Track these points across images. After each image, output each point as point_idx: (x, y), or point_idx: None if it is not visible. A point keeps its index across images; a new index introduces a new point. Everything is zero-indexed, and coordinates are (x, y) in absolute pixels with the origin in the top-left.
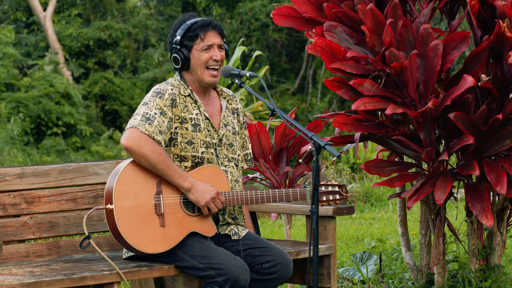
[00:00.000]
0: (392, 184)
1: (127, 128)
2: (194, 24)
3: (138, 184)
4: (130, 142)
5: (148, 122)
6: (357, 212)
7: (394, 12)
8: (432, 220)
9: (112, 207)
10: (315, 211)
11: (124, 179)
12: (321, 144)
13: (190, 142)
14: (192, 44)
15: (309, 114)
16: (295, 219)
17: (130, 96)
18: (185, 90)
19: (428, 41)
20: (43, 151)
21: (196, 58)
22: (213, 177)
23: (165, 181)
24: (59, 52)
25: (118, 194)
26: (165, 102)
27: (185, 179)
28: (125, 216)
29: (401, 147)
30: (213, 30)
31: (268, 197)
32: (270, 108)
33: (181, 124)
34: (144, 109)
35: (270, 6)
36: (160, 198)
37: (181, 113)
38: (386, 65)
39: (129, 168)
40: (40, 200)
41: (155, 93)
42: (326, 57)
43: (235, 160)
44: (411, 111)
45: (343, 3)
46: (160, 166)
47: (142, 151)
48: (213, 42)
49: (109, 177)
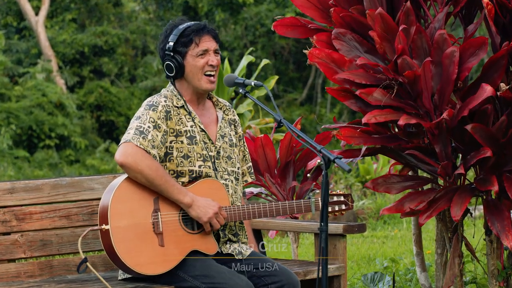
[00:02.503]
0: (402, 208)
1: (121, 143)
2: (188, 29)
3: (135, 202)
4: (125, 157)
5: (142, 136)
6: (369, 230)
7: (406, 17)
8: (448, 238)
9: (107, 227)
10: (324, 229)
11: (120, 197)
12: (331, 157)
13: (187, 156)
14: (186, 50)
15: (317, 126)
16: (303, 237)
17: (128, 106)
18: (178, 101)
19: (443, 48)
20: (35, 164)
21: (191, 64)
22: (212, 191)
23: (163, 197)
24: (52, 59)
25: (114, 213)
26: (159, 114)
27: (185, 194)
28: (122, 237)
29: (415, 161)
30: (208, 35)
31: (271, 210)
32: (276, 119)
33: (176, 137)
34: (137, 123)
35: (277, 11)
36: (158, 216)
37: (176, 126)
38: (399, 73)
39: (125, 185)
40: (31, 217)
41: (148, 106)
42: (327, 68)
43: (235, 174)
44: (425, 123)
45: (351, 7)
46: (158, 182)
47: (138, 167)
48: (208, 47)
49: (103, 194)
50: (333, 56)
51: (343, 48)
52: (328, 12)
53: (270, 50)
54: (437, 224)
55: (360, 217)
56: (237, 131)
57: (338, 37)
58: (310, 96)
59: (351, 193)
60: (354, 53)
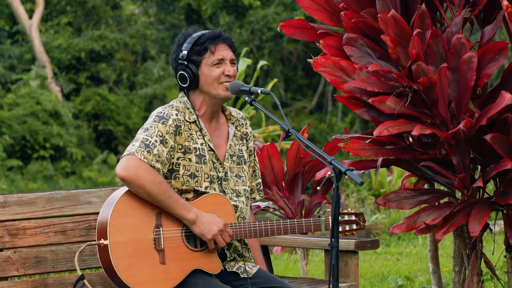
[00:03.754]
0: (414, 225)
1: (123, 155)
2: (202, 37)
3: (135, 216)
4: (126, 172)
5: (147, 150)
6: (382, 246)
7: (421, 21)
8: (466, 255)
9: (106, 242)
10: (335, 245)
11: (120, 211)
12: (342, 169)
13: (194, 175)
14: (201, 58)
15: (328, 136)
16: (312, 254)
17: (127, 115)
18: (191, 116)
19: (461, 53)
20: (28, 176)
21: (207, 74)
22: (218, 206)
23: (165, 212)
24: (46, 65)
25: (113, 227)
26: (168, 129)
27: (189, 210)
28: (121, 253)
29: (431, 173)
30: (224, 43)
31: (279, 229)
32: (284, 129)
33: (184, 154)
34: (144, 135)
35: (285, 14)
36: (160, 232)
37: (185, 142)
38: (413, 80)
39: (125, 199)
40: (25, 232)
41: (158, 117)
42: (334, 77)
43: (247, 192)
44: (441, 132)
45: (363, 10)
46: (161, 197)
47: (140, 182)
48: (224, 56)
49: (102, 208)
50: (340, 64)
51: (354, 54)
52: (338, 15)
53: (278, 55)
54: (454, 240)
55: (373, 232)
56: (248, 146)
57: (349, 42)
58: (320, 104)
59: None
60: (366, 59)
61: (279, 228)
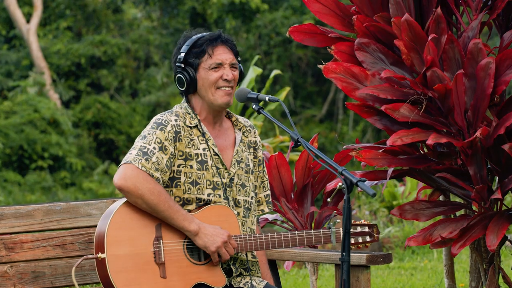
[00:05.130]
0: (430, 238)
1: (121, 164)
2: (201, 39)
3: (134, 228)
4: (124, 181)
5: (145, 158)
6: (396, 261)
7: (437, 25)
8: (484, 270)
9: (104, 256)
10: (346, 260)
11: (118, 223)
12: (354, 180)
13: (195, 182)
14: (198, 61)
15: (339, 145)
16: (322, 268)
17: (129, 123)
18: (192, 120)
19: (478, 59)
20: (26, 188)
21: (204, 78)
22: (221, 218)
23: (166, 224)
24: (45, 71)
25: (111, 240)
26: (167, 135)
27: (191, 221)
28: (119, 267)
29: (447, 185)
30: (223, 45)
31: (286, 241)
32: (293, 138)
33: (185, 161)
34: (141, 143)
35: (294, 18)
36: (160, 245)
37: (186, 148)
38: (428, 87)
39: (123, 210)
40: (22, 246)
41: (156, 124)
42: (346, 84)
43: (248, 204)
44: (457, 142)
45: (376, 15)
46: (161, 207)
47: (139, 191)
48: (222, 59)
49: (100, 220)
50: (352, 70)
51: (366, 59)
52: (349, 19)
53: (286, 61)
54: (471, 254)
55: (385, 246)
56: (256, 155)
57: (361, 47)
58: (330, 112)
59: (376, 222)
60: (379, 65)
61: (286, 240)
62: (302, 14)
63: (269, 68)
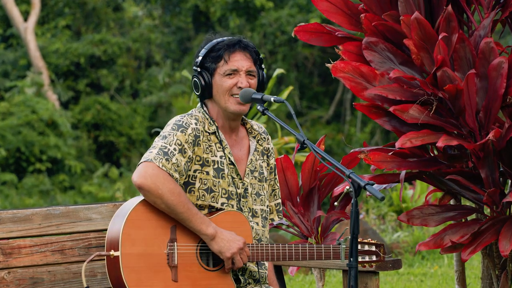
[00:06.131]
0: (442, 242)
1: (140, 162)
2: (220, 43)
3: (149, 228)
4: (144, 179)
5: (166, 158)
6: (405, 267)
7: (447, 24)
8: (496, 276)
9: (117, 253)
10: (353, 265)
11: (134, 221)
12: (361, 183)
13: (210, 190)
14: (214, 66)
15: (346, 148)
16: (329, 274)
17: (130, 125)
18: (210, 127)
19: (490, 59)
20: (23, 191)
21: (218, 84)
22: (235, 224)
23: (181, 226)
24: (43, 71)
25: (126, 238)
26: (187, 138)
27: (208, 225)
28: (132, 266)
29: (457, 188)
30: (241, 52)
31: (297, 253)
32: (299, 140)
33: (201, 167)
34: (162, 143)
35: (299, 16)
36: (174, 247)
37: (204, 154)
38: (438, 88)
39: (140, 208)
40: (20, 252)
41: (176, 125)
42: (354, 83)
43: (265, 213)
44: (469, 144)
45: (384, 13)
46: (180, 209)
47: (159, 191)
48: (238, 66)
49: (112, 219)
50: (361, 70)
51: (375, 59)
52: (358, 18)
53: (292, 61)
54: (483, 260)
55: (394, 251)
56: (269, 162)
57: (369, 46)
58: (337, 114)
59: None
60: (388, 64)
61: (297, 252)
62: (308, 12)
63: (274, 68)
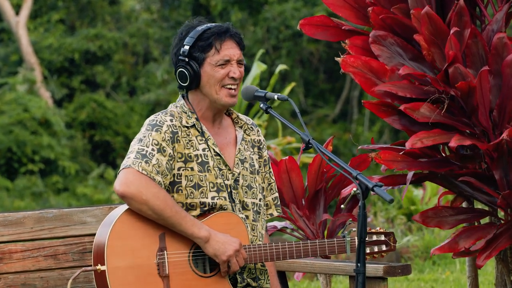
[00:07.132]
0: (457, 247)
1: (120, 170)
2: (208, 31)
3: (137, 239)
4: (127, 187)
5: (145, 160)
6: (415, 272)
7: (459, 18)
8: (510, 282)
9: (104, 268)
10: (361, 271)
11: (119, 232)
12: (369, 185)
13: (198, 185)
14: (204, 56)
15: (353, 148)
16: (336, 280)
17: (126, 124)
18: (189, 120)
19: (503, 55)
20: (15, 193)
21: (209, 74)
22: (229, 226)
23: (170, 233)
24: (35, 68)
25: (112, 251)
26: (164, 135)
27: (200, 227)
28: (120, 280)
29: (470, 190)
30: (231, 40)
31: (298, 251)
32: (304, 140)
33: (185, 163)
34: (138, 146)
35: (305, 10)
36: (164, 256)
37: (185, 149)
38: (450, 85)
39: (125, 218)
40: (11, 256)
41: (150, 126)
42: (364, 79)
43: (257, 206)
44: (482, 144)
45: (393, 7)
46: (167, 213)
47: (143, 197)
48: (231, 56)
49: (99, 229)
50: (371, 65)
51: (383, 54)
52: (365, 11)
53: (297, 56)
54: (497, 266)
55: (404, 256)
56: (261, 155)
57: (377, 40)
58: (344, 112)
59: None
60: (397, 60)
61: (298, 250)
62: (313, 5)
63: (277, 64)
